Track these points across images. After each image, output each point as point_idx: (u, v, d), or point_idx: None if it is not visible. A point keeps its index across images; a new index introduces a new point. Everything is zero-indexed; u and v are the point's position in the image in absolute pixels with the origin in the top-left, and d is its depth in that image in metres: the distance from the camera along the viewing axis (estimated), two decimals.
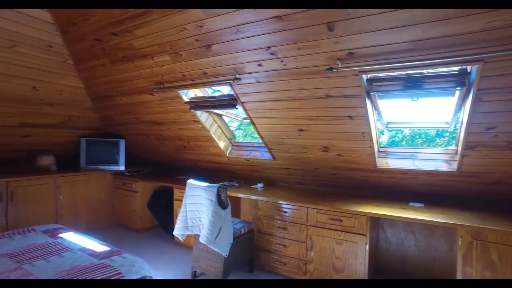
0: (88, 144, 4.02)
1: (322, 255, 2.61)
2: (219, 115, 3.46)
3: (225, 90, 3.38)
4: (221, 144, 3.45)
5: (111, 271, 1.77)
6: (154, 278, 1.94)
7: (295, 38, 2.04)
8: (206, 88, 3.25)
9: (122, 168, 4.11)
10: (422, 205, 2.58)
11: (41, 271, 1.75)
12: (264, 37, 2.13)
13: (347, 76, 2.13)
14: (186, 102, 3.12)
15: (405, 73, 2.06)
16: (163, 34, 2.47)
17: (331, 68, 2.06)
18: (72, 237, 2.30)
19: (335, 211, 2.55)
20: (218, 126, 3.45)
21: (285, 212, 2.82)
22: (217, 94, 3.24)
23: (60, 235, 2.34)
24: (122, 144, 4.10)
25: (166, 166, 4.42)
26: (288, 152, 3.06)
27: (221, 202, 2.62)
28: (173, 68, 2.77)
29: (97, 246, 2.15)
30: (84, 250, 2.05)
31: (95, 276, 1.70)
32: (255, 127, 2.97)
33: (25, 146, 3.68)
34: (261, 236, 2.95)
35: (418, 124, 2.78)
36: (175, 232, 2.82)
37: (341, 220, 2.52)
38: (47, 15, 2.67)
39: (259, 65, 2.35)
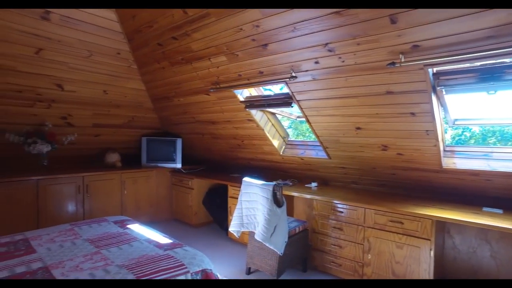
0: (149, 142, 4.30)
1: (381, 258, 2.50)
2: (273, 114, 3.48)
3: (275, 89, 3.39)
4: (275, 143, 3.46)
5: (174, 262, 1.88)
6: (213, 271, 2.01)
7: (355, 33, 1.98)
8: (260, 87, 3.29)
9: (179, 165, 4.34)
10: (500, 211, 2.33)
11: (115, 256, 1.92)
12: (321, 33, 2.09)
13: (410, 71, 2.01)
14: (241, 102, 3.19)
15: (480, 64, 1.89)
16: (220, 35, 2.56)
17: (393, 63, 1.96)
18: (138, 229, 2.48)
19: (395, 213, 2.42)
20: (272, 124, 3.47)
21: (341, 212, 2.75)
22: (267, 93, 3.26)
23: (128, 226, 2.53)
24: (179, 142, 4.32)
25: (219, 164, 4.56)
26: (344, 150, 2.98)
27: (276, 200, 2.63)
28: (229, 68, 2.85)
29: (160, 238, 2.29)
30: (149, 241, 2.20)
31: (161, 265, 1.82)
32: (310, 126, 2.94)
33: (96, 145, 4.06)
34: (316, 235, 2.92)
35: (492, 120, 2.52)
36: (230, 229, 2.90)
37: (402, 223, 2.39)
38: (117, 26, 2.92)
39: (316, 62, 2.32)
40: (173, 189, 4.44)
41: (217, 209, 3.95)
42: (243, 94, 3.23)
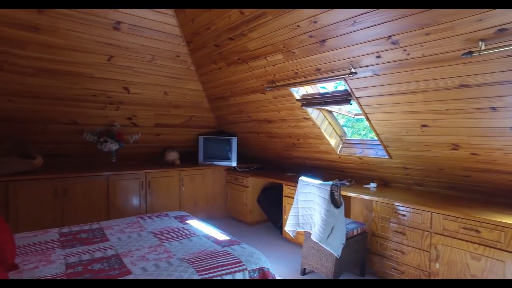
0: (205, 141, 4.46)
1: (452, 269, 2.27)
2: (330, 112, 3.38)
3: (329, 87, 3.29)
4: (332, 142, 3.36)
5: (232, 259, 1.91)
6: (270, 270, 2.01)
7: (423, 23, 1.82)
8: (316, 85, 3.21)
9: (234, 164, 4.43)
10: None
11: (176, 250, 2.01)
12: (384, 25, 1.97)
13: (492, 60, 1.79)
14: (297, 100, 3.14)
15: None
16: (276, 34, 2.54)
17: (469, 52, 1.76)
18: (196, 224, 2.58)
19: (469, 220, 2.18)
20: (329, 123, 3.37)
21: (403, 215, 2.56)
22: (323, 91, 3.17)
23: (187, 221, 2.65)
24: (234, 141, 4.41)
25: (274, 163, 4.56)
26: (407, 150, 2.77)
27: (334, 201, 2.55)
28: (285, 66, 2.83)
29: (218, 234, 2.35)
30: (208, 237, 2.27)
31: (220, 261, 1.86)
32: (370, 124, 2.79)
33: (157, 143, 4.32)
34: (375, 239, 2.76)
35: None
36: (286, 228, 2.88)
37: (478, 231, 2.15)
38: (177, 30, 3.06)
39: (378, 56, 2.19)
40: (228, 187, 4.55)
41: (272, 208, 3.96)
42: (299, 92, 3.18)
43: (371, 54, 2.20)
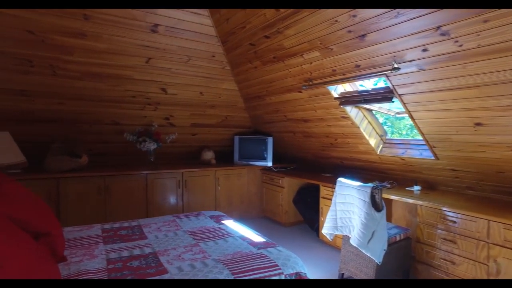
0: (241, 141, 4.46)
1: None
2: (370, 110, 3.22)
3: (368, 84, 3.13)
4: (372, 142, 3.19)
5: (268, 262, 1.86)
6: (307, 275, 1.93)
7: (480, 9, 1.64)
8: (355, 83, 3.07)
9: (269, 164, 4.39)
10: None
11: (212, 250, 2.00)
12: (432, 15, 1.81)
13: None
14: (335, 98, 3.02)
15: None
16: (313, 30, 2.46)
17: None
18: (232, 225, 2.56)
19: None
20: (369, 122, 3.21)
21: (453, 222, 2.36)
22: (361, 88, 3.01)
23: (223, 221, 2.64)
24: (270, 141, 4.36)
25: (310, 163, 4.45)
26: (457, 150, 2.55)
27: (375, 204, 2.41)
28: (322, 63, 2.73)
29: (254, 236, 2.31)
30: (243, 238, 2.24)
31: (255, 264, 1.82)
32: (414, 123, 2.61)
33: (194, 143, 4.39)
34: (420, 246, 2.57)
35: None
36: (323, 231, 2.78)
37: None
38: (212, 30, 3.08)
39: (424, 50, 2.02)
40: (264, 187, 4.51)
41: (308, 209, 3.86)
42: (337, 90, 3.06)
43: (416, 47, 2.05)
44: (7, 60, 2.66)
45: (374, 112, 3.27)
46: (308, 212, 3.85)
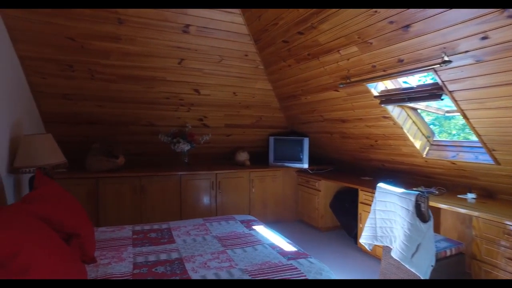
0: (276, 142, 4.34)
1: None
2: (415, 109, 2.93)
3: (412, 81, 2.84)
4: (417, 143, 2.90)
5: (298, 275, 1.72)
6: None
7: None
8: (397, 79, 2.81)
9: (305, 165, 4.21)
10: None
11: (239, 259, 1.91)
12: None
13: None
14: (375, 97, 2.79)
15: None
16: (350, 23, 2.26)
17: None
18: (263, 231, 2.45)
19: None
20: (413, 122, 2.92)
21: None
22: (404, 86, 2.74)
23: (254, 227, 2.54)
24: (306, 142, 4.19)
25: (349, 165, 4.20)
26: None
27: (420, 214, 2.17)
28: (361, 59, 2.51)
29: (285, 244, 2.18)
30: (273, 246, 2.12)
31: (284, 276, 1.69)
32: (468, 122, 2.30)
33: (228, 144, 4.35)
34: (477, 264, 2.26)
35: None
36: (361, 240, 2.57)
37: None
38: (244, 28, 2.99)
39: (484, 38, 1.74)
40: (299, 189, 4.35)
41: (346, 215, 3.64)
42: (377, 88, 2.82)
43: (473, 35, 1.77)
44: (52, 66, 2.79)
45: (419, 111, 2.98)
46: (345, 218, 3.63)
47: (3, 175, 2.35)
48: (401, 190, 2.34)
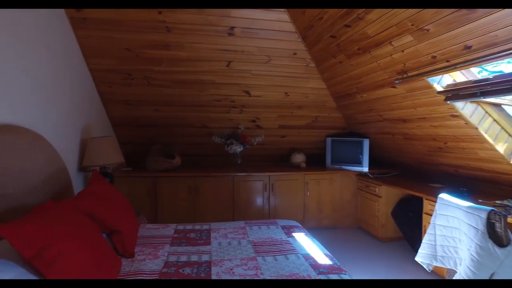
0: (333, 143, 4.09)
1: None
2: (497, 105, 2.43)
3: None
4: (499, 146, 2.40)
5: None
6: None
7: None
8: (471, 69, 2.36)
9: (365, 169, 3.87)
10: None
11: (267, 268, 1.82)
12: None
13: None
14: (439, 92, 2.39)
15: None
16: (400, 9, 1.97)
17: None
18: (302, 239, 2.30)
19: None
20: (494, 120, 2.42)
21: None
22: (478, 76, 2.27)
23: (294, 234, 2.41)
24: (366, 143, 3.85)
25: (415, 170, 3.72)
26: None
27: (495, 235, 1.77)
28: (417, 50, 2.18)
29: (320, 256, 2.01)
30: (307, 257, 1.97)
31: None
32: None
33: (283, 145, 4.26)
34: None
35: None
36: (418, 259, 2.25)
37: None
38: (290, 26, 2.86)
39: None
40: (359, 194, 4.02)
41: (409, 225, 3.23)
42: (441, 82, 2.41)
43: None
44: (115, 76, 3.10)
45: (503, 106, 2.45)
46: (408, 228, 3.22)
47: (74, 173, 2.69)
48: (467, 203, 1.96)
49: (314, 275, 1.73)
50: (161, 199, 3.55)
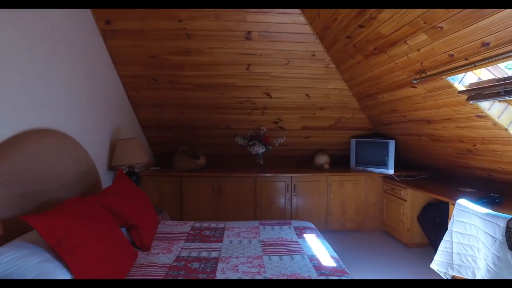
0: (358, 144, 4.00)
1: None
2: None
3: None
4: None
5: None
6: None
7: None
8: (498, 66, 2.21)
9: (390, 171, 3.75)
10: None
11: (270, 267, 1.86)
12: None
13: None
14: (460, 92, 2.27)
15: None
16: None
17: None
18: (312, 240, 2.30)
19: None
20: None
21: None
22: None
23: (305, 234, 2.42)
24: (392, 145, 3.72)
25: (447, 173, 3.52)
26: None
27: None
28: (433, 48, 2.09)
29: (326, 257, 2.00)
30: (312, 258, 1.98)
31: None
32: None
33: (307, 146, 4.25)
34: None
35: None
36: (433, 266, 2.16)
37: None
38: (307, 28, 2.87)
39: None
40: (385, 197, 3.89)
41: (435, 231, 3.07)
42: (464, 81, 2.28)
43: None
44: (143, 81, 3.32)
45: None
46: (434, 234, 3.06)
47: (104, 171, 2.93)
48: (485, 210, 1.86)
49: (315, 276, 1.75)
50: (186, 198, 3.73)
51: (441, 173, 3.62)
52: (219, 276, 1.75)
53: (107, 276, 1.60)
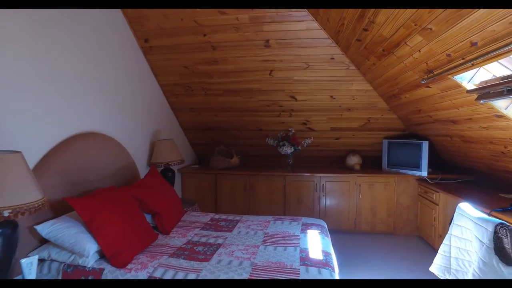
0: (390, 145, 3.90)
1: None
2: None
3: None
4: None
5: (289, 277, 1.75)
6: None
7: None
8: None
9: (424, 173, 3.58)
10: None
11: (261, 255, 2.05)
12: None
13: None
14: (468, 91, 2.17)
15: None
16: (399, 10, 1.93)
17: None
18: (312, 235, 2.38)
19: None
20: None
21: None
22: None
23: (308, 230, 2.53)
24: (425, 146, 3.56)
25: (488, 176, 3.24)
26: None
27: (503, 252, 1.63)
28: (431, 49, 2.06)
29: (317, 251, 2.11)
30: (303, 250, 2.11)
31: (277, 277, 1.75)
32: None
33: (339, 147, 4.27)
34: None
35: None
36: (432, 269, 2.12)
37: None
38: (322, 33, 2.97)
39: None
40: (419, 200, 3.73)
41: None
42: (474, 79, 2.18)
43: None
44: (179, 88, 3.78)
45: None
46: None
47: (144, 167, 3.44)
48: (478, 214, 1.81)
49: (296, 265, 1.90)
50: (220, 194, 4.09)
51: (485, 177, 3.33)
52: (214, 258, 2.02)
53: (125, 249, 1.99)
